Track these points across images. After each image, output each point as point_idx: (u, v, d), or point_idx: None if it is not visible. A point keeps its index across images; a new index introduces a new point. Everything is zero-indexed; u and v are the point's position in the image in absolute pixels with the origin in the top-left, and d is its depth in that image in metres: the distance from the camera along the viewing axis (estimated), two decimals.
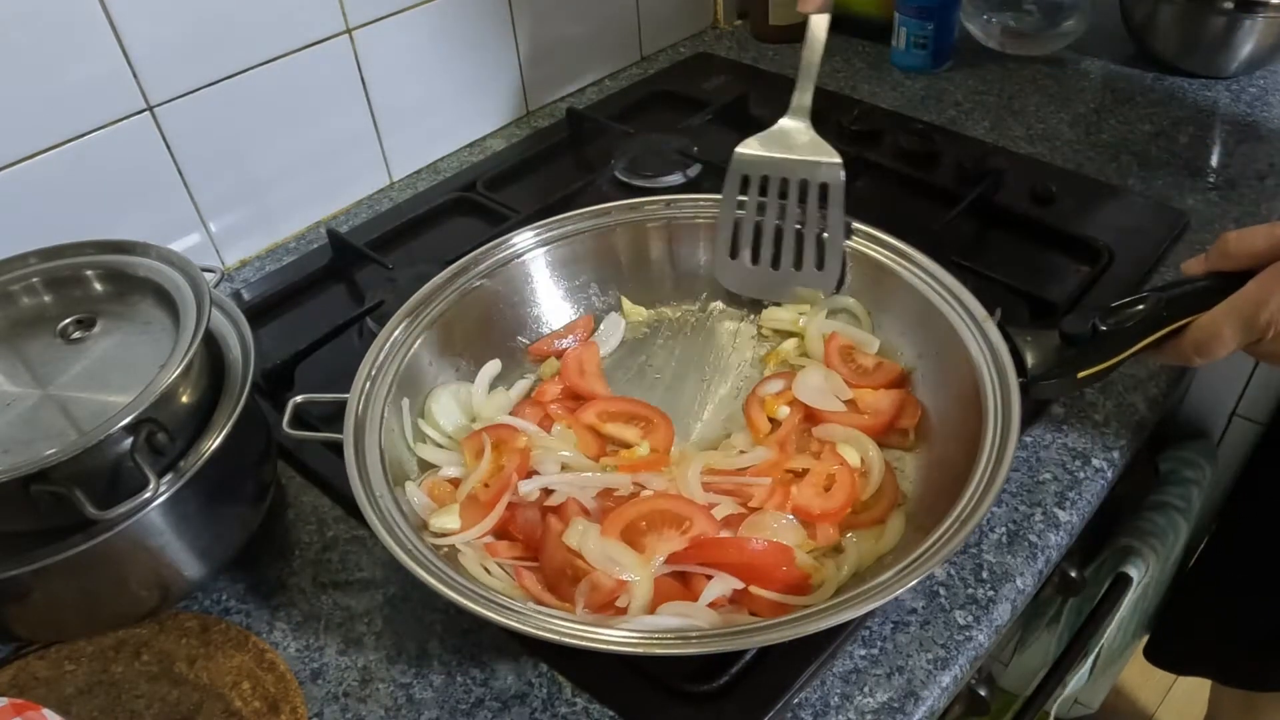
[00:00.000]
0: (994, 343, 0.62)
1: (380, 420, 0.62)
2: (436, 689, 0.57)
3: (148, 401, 0.53)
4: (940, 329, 0.67)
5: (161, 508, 0.55)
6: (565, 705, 0.56)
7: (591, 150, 1.05)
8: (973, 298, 0.66)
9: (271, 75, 0.87)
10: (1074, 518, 0.65)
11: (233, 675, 0.58)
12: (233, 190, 0.89)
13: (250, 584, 0.64)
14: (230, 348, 0.63)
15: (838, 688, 0.56)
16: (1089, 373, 0.60)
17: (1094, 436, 0.70)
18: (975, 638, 0.58)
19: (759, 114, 1.06)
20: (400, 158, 1.02)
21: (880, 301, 0.73)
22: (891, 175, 0.96)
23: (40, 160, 0.76)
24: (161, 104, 0.81)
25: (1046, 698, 0.93)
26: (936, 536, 0.52)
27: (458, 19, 0.99)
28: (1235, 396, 1.05)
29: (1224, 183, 0.94)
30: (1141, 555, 0.96)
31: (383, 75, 0.95)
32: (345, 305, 0.86)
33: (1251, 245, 0.57)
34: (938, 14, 1.12)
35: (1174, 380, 0.75)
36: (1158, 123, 1.03)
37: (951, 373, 0.65)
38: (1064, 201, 0.90)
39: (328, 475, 0.69)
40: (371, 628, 0.61)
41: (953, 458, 0.61)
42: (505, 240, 0.75)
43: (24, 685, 0.58)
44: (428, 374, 0.69)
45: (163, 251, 0.63)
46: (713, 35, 1.30)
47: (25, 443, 0.53)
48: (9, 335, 0.60)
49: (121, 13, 0.75)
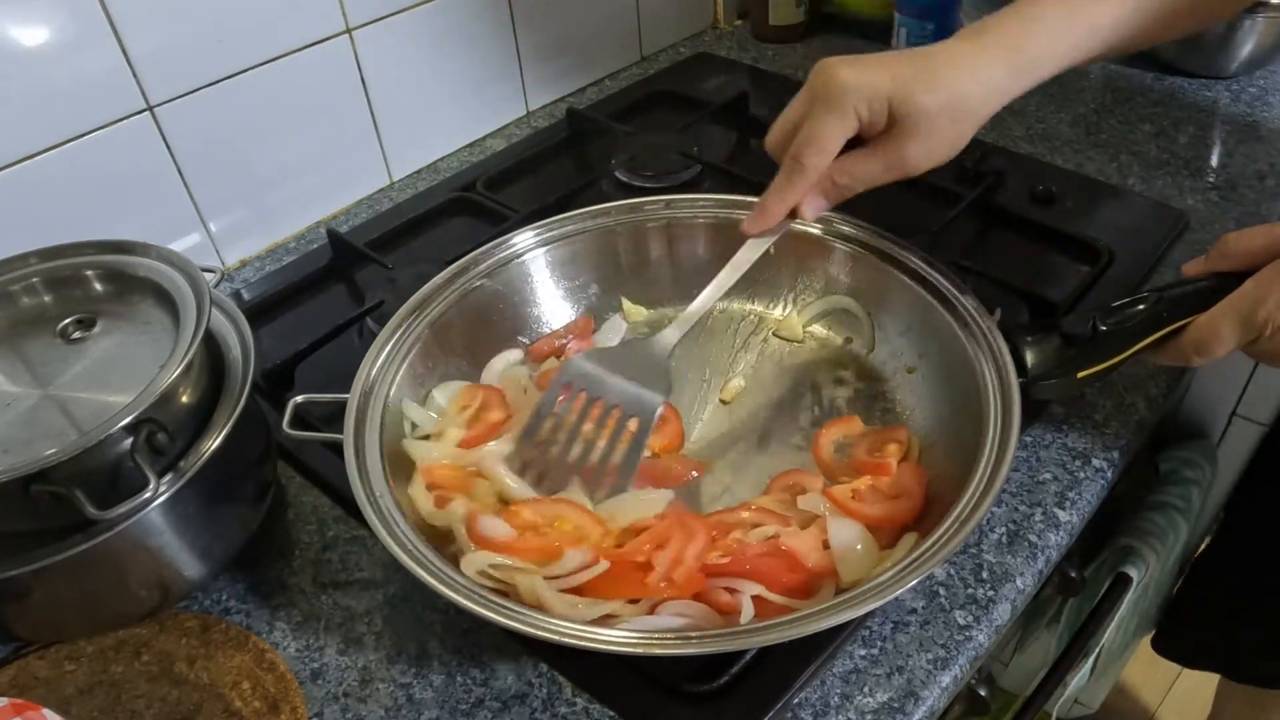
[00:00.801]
0: (994, 343, 0.62)
1: (380, 420, 0.62)
2: (436, 689, 0.57)
3: (148, 401, 0.53)
4: (940, 329, 0.67)
5: (161, 508, 0.55)
6: (565, 705, 0.56)
7: (591, 150, 1.05)
8: (973, 298, 0.66)
9: (271, 75, 0.87)
10: (1074, 518, 0.65)
11: (233, 675, 0.58)
12: (233, 190, 0.89)
13: (250, 584, 0.64)
14: (230, 348, 0.63)
15: (838, 688, 0.56)
16: (1089, 373, 0.60)
17: (1094, 436, 0.70)
18: (975, 638, 0.58)
19: (759, 114, 1.06)
20: (400, 158, 1.02)
21: (880, 302, 0.73)
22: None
23: (40, 160, 0.76)
24: (161, 104, 0.81)
25: (1046, 698, 0.93)
26: (936, 537, 0.52)
27: (458, 19, 0.99)
28: (1235, 396, 1.05)
29: (1224, 183, 0.94)
30: (1141, 555, 0.96)
31: (383, 75, 0.95)
32: (345, 305, 0.86)
33: (1250, 245, 0.57)
34: (938, 14, 1.11)
35: (1174, 380, 0.75)
36: (1158, 123, 1.03)
37: (952, 373, 0.65)
38: (1064, 201, 0.90)
39: (328, 475, 0.69)
40: (371, 628, 0.61)
41: (953, 458, 0.61)
42: (505, 240, 0.75)
43: (24, 685, 0.58)
44: (427, 375, 0.69)
45: (163, 251, 0.63)
46: (713, 35, 1.30)
47: (25, 443, 0.53)
48: (9, 335, 0.60)
49: (121, 13, 0.75)
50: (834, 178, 0.62)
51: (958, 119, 0.60)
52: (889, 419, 0.69)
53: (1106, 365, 0.60)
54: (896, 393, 0.71)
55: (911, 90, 0.59)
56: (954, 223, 0.86)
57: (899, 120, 0.59)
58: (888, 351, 0.72)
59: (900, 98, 0.59)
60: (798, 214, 0.64)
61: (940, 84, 0.59)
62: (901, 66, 0.60)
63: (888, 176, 0.62)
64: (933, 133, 0.60)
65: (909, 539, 0.57)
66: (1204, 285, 0.58)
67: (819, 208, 0.64)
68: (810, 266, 0.76)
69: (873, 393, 0.71)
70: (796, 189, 0.62)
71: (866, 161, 0.62)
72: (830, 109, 0.60)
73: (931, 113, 0.59)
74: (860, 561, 0.57)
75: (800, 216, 0.64)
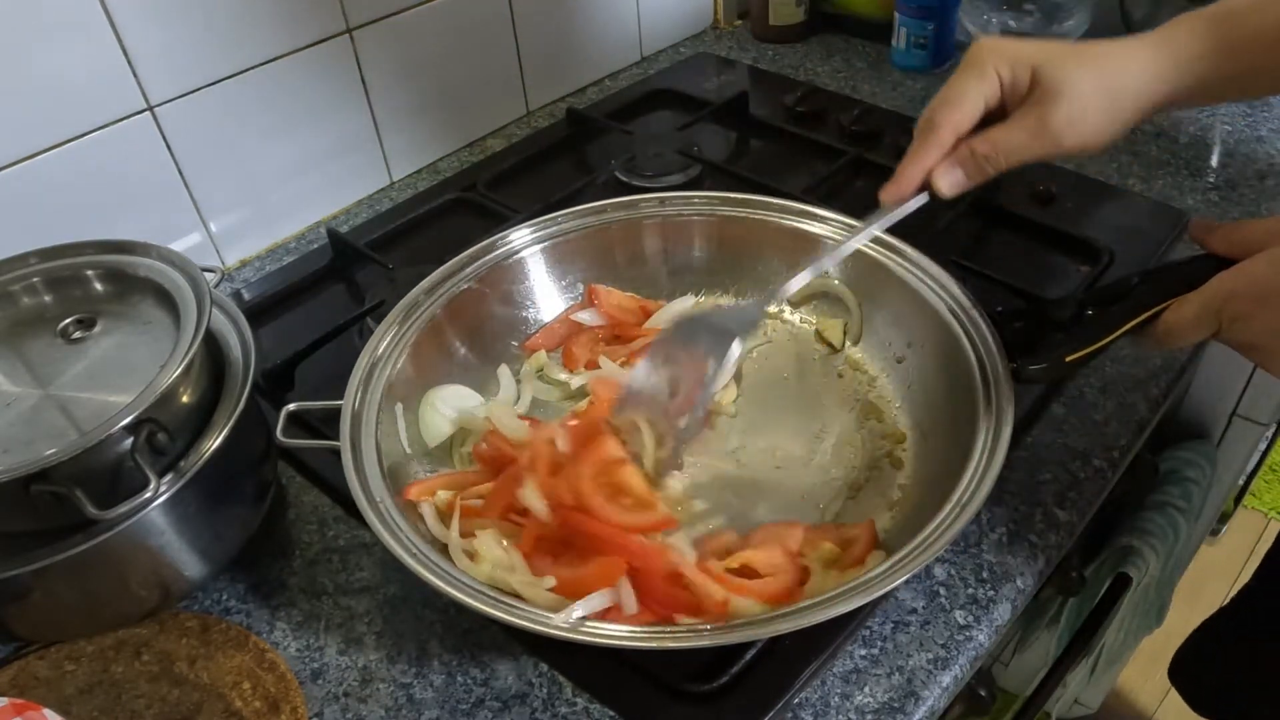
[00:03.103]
0: (983, 331, 0.63)
1: (376, 424, 0.62)
2: (437, 689, 0.57)
3: (148, 401, 0.53)
4: (930, 319, 0.67)
5: (162, 508, 0.55)
6: (565, 705, 0.56)
7: (591, 150, 1.05)
8: (960, 287, 0.67)
9: (271, 75, 0.87)
10: (1074, 518, 0.65)
11: (233, 675, 0.58)
12: (233, 190, 0.90)
13: (250, 584, 0.64)
14: (230, 348, 0.63)
15: (838, 688, 0.56)
16: (1077, 356, 0.60)
17: (1094, 436, 0.70)
18: (975, 638, 0.58)
19: (759, 114, 1.07)
20: (400, 158, 1.02)
21: (872, 294, 0.73)
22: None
23: (40, 160, 0.76)
24: (161, 104, 0.81)
25: (1046, 698, 0.93)
26: (937, 522, 0.53)
27: (458, 19, 0.99)
28: (1235, 396, 1.05)
29: (1224, 183, 0.94)
30: (1141, 555, 0.96)
31: (383, 75, 0.95)
32: (345, 305, 0.86)
33: (1246, 235, 0.56)
34: (938, 14, 1.11)
35: (1174, 380, 0.75)
36: (1158, 123, 1.03)
37: (943, 361, 0.66)
38: (1064, 201, 0.90)
39: (328, 475, 0.69)
40: (372, 628, 0.61)
41: (947, 445, 0.61)
42: (501, 239, 0.75)
43: (24, 685, 0.58)
44: (425, 375, 0.69)
45: (163, 251, 0.63)
46: (713, 35, 1.30)
47: (25, 443, 0.53)
48: (9, 335, 0.60)
49: (121, 13, 0.75)
50: (974, 147, 0.59)
51: (1111, 96, 0.57)
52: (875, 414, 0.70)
53: (1094, 348, 0.60)
54: (885, 382, 0.71)
55: (1059, 59, 0.56)
56: (954, 223, 0.86)
57: (1042, 84, 0.56)
58: (876, 341, 0.73)
59: (1047, 65, 0.56)
60: (934, 187, 0.61)
61: (1091, 58, 0.57)
62: (1054, 43, 0.58)
63: (1033, 147, 0.58)
64: (1080, 100, 0.56)
65: (877, 555, 0.58)
66: (1190, 269, 0.58)
67: (957, 181, 0.60)
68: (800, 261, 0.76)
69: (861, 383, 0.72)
70: (931, 151, 0.59)
71: (1009, 129, 0.58)
72: (969, 68, 0.58)
73: (1078, 81, 0.56)
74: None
75: (937, 190, 0.61)
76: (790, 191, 0.86)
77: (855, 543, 0.58)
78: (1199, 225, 0.59)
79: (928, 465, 0.64)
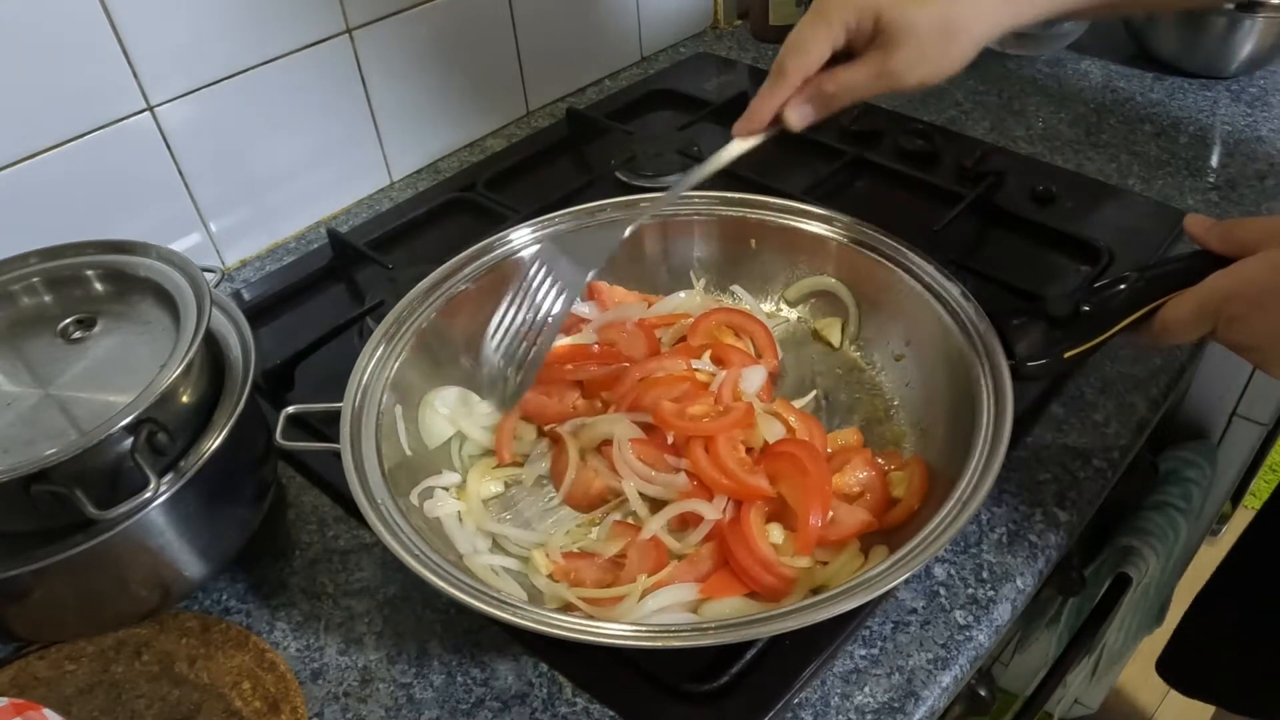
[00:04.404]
0: (981, 328, 0.63)
1: (376, 425, 0.62)
2: (437, 689, 0.57)
3: (148, 401, 0.53)
4: (929, 317, 0.67)
5: (162, 508, 0.55)
6: (565, 705, 0.56)
7: (591, 150, 1.05)
8: (956, 284, 0.67)
9: (271, 75, 0.87)
10: (1074, 518, 0.65)
11: (233, 675, 0.58)
12: (233, 190, 0.89)
13: (250, 584, 0.64)
14: (230, 348, 0.63)
15: (838, 688, 0.56)
16: (1075, 352, 0.61)
17: (1094, 436, 0.70)
18: (975, 638, 0.58)
19: None
20: (400, 158, 1.02)
21: (870, 293, 0.74)
22: (891, 175, 0.96)
23: (40, 160, 0.76)
24: (161, 104, 0.81)
25: (1046, 698, 0.93)
26: (937, 521, 0.53)
27: (458, 19, 0.99)
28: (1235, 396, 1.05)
29: (1224, 183, 0.94)
30: (1141, 555, 0.96)
31: (383, 75, 0.95)
32: (345, 305, 0.86)
33: (1245, 235, 0.56)
34: None
35: (1174, 380, 0.75)
36: (1158, 123, 1.03)
37: (942, 358, 0.66)
38: (1064, 201, 0.90)
39: (328, 476, 0.69)
40: (372, 628, 0.61)
41: (948, 441, 0.62)
42: (500, 239, 0.75)
43: (24, 685, 0.58)
44: (425, 376, 0.69)
45: (163, 251, 0.63)
46: (713, 35, 1.30)
47: (25, 443, 0.53)
48: (9, 335, 0.60)
49: (121, 13, 0.75)
50: (822, 86, 0.64)
51: (948, 37, 0.61)
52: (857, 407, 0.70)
53: (1091, 344, 0.60)
54: (884, 381, 0.72)
55: (902, 5, 0.60)
56: (954, 223, 0.86)
57: (884, 30, 0.61)
58: (875, 339, 0.73)
59: (889, 10, 0.60)
60: (784, 121, 0.65)
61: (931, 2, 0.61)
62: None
63: (875, 86, 0.63)
64: (919, 45, 0.61)
65: (880, 550, 0.58)
66: (1186, 266, 0.58)
67: (806, 115, 0.65)
68: (799, 260, 0.77)
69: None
70: (779, 92, 0.64)
71: (853, 70, 0.63)
72: (817, 16, 0.62)
73: (918, 26, 0.60)
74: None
75: (787, 124, 0.65)
76: (790, 191, 0.86)
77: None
78: (1195, 221, 0.59)
79: (928, 460, 0.64)
